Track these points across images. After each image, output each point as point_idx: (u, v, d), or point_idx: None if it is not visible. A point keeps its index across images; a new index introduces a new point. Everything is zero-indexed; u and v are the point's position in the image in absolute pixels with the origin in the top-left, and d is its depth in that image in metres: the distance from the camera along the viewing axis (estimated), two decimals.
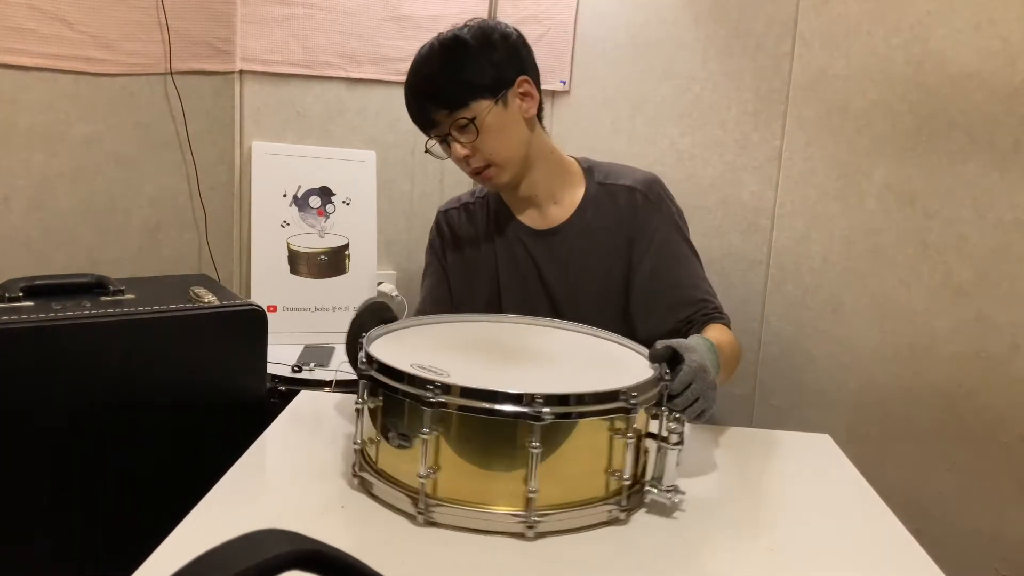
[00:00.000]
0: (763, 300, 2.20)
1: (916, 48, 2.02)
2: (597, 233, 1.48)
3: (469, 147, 1.41)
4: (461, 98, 1.39)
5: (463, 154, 1.42)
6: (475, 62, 1.40)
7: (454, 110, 1.39)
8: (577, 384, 1.00)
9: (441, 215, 1.63)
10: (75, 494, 1.27)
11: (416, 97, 1.43)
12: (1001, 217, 2.03)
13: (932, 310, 2.09)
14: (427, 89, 1.41)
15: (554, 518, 0.98)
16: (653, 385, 1.05)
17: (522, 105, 1.44)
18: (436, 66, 1.41)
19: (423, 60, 1.43)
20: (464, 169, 1.46)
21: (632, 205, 1.48)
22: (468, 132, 1.40)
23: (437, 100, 1.40)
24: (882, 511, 1.11)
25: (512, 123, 1.43)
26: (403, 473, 1.01)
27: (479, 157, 1.42)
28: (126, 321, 1.28)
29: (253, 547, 0.41)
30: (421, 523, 0.98)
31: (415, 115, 1.45)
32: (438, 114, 1.41)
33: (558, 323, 1.32)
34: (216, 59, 2.16)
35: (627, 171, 1.54)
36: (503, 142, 1.42)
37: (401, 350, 1.10)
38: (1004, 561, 2.12)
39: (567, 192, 1.51)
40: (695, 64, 2.16)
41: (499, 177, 1.45)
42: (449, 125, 1.41)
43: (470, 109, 1.39)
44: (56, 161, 2.00)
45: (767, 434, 1.40)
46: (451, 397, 0.96)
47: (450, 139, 1.43)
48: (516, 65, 1.44)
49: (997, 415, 2.08)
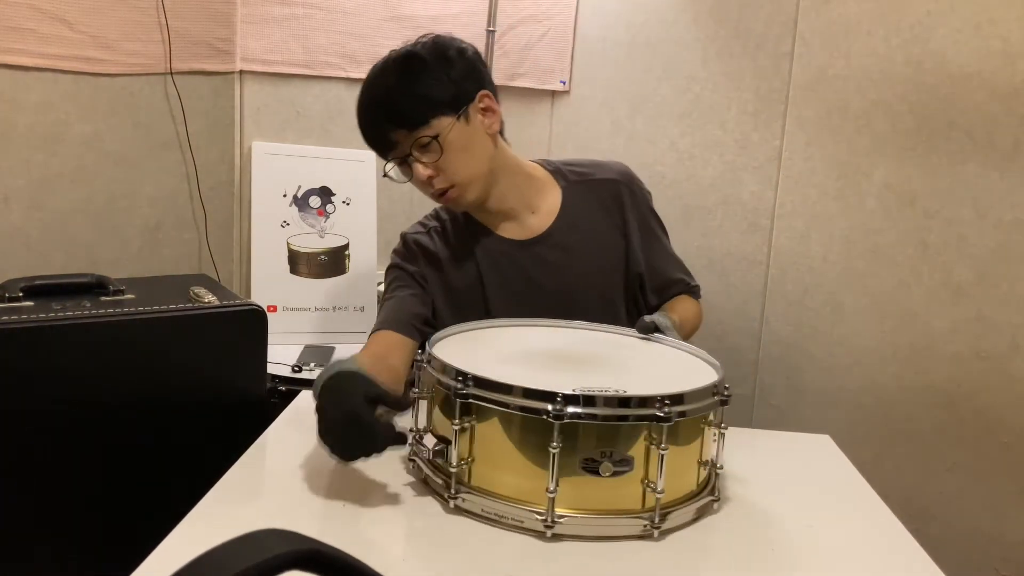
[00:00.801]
0: (763, 300, 2.20)
1: (916, 48, 2.02)
2: (587, 230, 1.47)
3: (432, 167, 1.34)
4: (422, 115, 1.32)
5: (426, 175, 1.34)
6: (433, 77, 1.33)
7: (415, 128, 1.32)
8: (663, 383, 1.01)
9: (408, 237, 1.50)
10: (75, 494, 1.27)
11: (372, 118, 1.36)
12: (1001, 217, 2.03)
13: (932, 310, 2.09)
14: (385, 108, 1.34)
15: (674, 514, 1.01)
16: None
17: (484, 120, 1.38)
18: (392, 83, 1.33)
19: (377, 79, 1.36)
20: (426, 192, 1.39)
21: (617, 195, 1.48)
22: (431, 151, 1.33)
23: (396, 119, 1.33)
24: (882, 511, 1.11)
25: (475, 140, 1.37)
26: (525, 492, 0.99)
27: (443, 178, 1.35)
28: (126, 321, 1.28)
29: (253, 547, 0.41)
30: (549, 536, 0.96)
31: (371, 137, 1.38)
32: (397, 134, 1.34)
33: (583, 325, 1.32)
34: (216, 59, 2.16)
35: (597, 165, 1.53)
36: (467, 160, 1.36)
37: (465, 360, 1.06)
38: (1004, 561, 2.12)
39: (542, 199, 1.47)
40: (695, 64, 2.16)
41: (464, 197, 1.38)
42: (410, 145, 1.33)
43: (431, 127, 1.32)
44: (56, 161, 2.00)
45: (767, 434, 1.40)
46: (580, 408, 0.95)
47: (411, 160, 1.35)
48: (475, 80, 1.38)
49: (997, 415, 2.08)
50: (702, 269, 2.20)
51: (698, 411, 1.01)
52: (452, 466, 1.00)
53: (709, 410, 1.03)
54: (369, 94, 1.37)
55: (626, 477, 0.97)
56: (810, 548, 1.00)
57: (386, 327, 1.36)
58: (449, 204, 1.40)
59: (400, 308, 1.40)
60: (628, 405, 0.96)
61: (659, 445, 0.96)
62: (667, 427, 0.95)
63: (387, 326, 1.36)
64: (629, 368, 1.15)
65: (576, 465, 0.96)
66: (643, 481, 0.98)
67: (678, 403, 0.97)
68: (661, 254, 1.53)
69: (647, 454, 0.98)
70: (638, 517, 0.98)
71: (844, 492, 1.17)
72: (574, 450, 0.96)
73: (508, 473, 0.99)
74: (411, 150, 1.34)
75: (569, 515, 0.96)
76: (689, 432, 1.02)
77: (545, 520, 0.96)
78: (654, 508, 0.98)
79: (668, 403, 0.96)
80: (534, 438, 0.96)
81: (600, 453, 0.96)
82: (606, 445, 0.96)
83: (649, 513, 0.98)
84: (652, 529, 0.98)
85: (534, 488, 0.97)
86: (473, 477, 1.01)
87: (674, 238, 1.61)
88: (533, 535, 0.97)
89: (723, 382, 1.06)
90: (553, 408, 0.94)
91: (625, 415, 0.96)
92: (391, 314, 1.39)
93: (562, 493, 0.96)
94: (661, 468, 0.96)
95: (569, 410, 0.94)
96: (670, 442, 0.97)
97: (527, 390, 0.96)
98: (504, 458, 0.99)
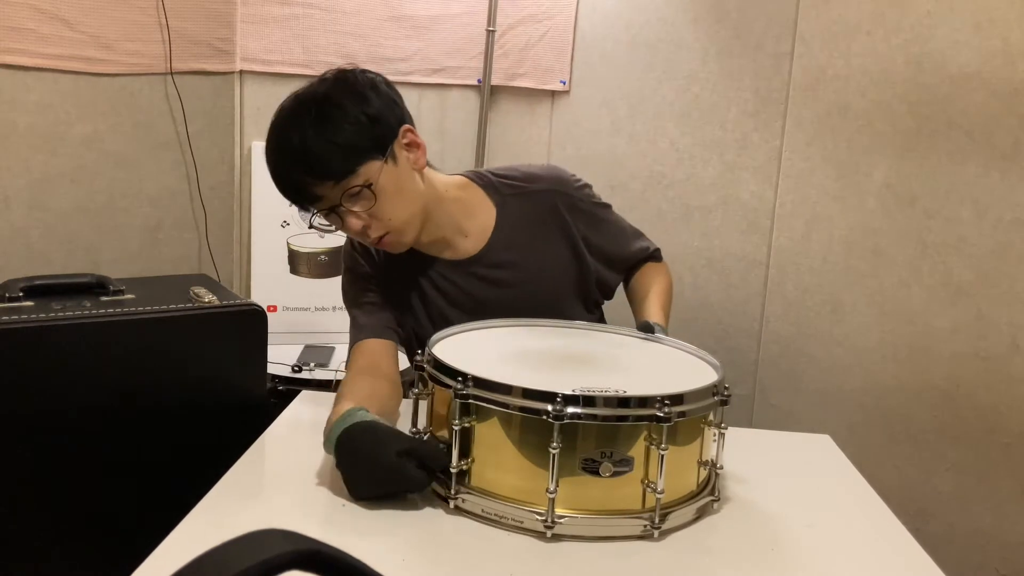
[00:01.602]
0: (763, 300, 2.20)
1: (916, 48, 2.02)
2: (524, 244, 1.41)
3: (365, 216, 1.24)
4: (348, 165, 1.21)
5: (360, 226, 1.25)
6: (352, 121, 1.22)
7: (342, 179, 1.21)
8: (662, 383, 1.01)
9: (350, 245, 1.42)
10: (75, 493, 1.27)
11: (289, 172, 1.23)
12: (1001, 217, 2.03)
13: (932, 310, 2.09)
14: (304, 162, 1.21)
15: (674, 515, 1.00)
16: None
17: (410, 156, 1.28)
18: (310, 135, 1.20)
19: (290, 130, 1.22)
20: (362, 240, 1.31)
21: (553, 206, 1.41)
22: (363, 199, 1.23)
23: (319, 172, 1.21)
24: (882, 511, 1.11)
25: (405, 178, 1.27)
26: (525, 492, 0.99)
27: (377, 225, 1.26)
28: (126, 321, 1.28)
29: (253, 547, 0.41)
30: (549, 537, 0.96)
31: (291, 192, 1.25)
32: (322, 187, 1.22)
33: (583, 325, 1.32)
34: (216, 59, 2.16)
35: (530, 175, 1.45)
36: (401, 202, 1.27)
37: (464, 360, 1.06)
38: (1004, 561, 2.12)
39: (474, 220, 1.40)
40: (695, 64, 2.16)
41: (402, 240, 1.30)
42: (339, 196, 1.22)
43: (359, 175, 1.21)
44: (56, 161, 2.00)
45: (767, 434, 1.40)
46: (580, 408, 0.95)
47: (341, 211, 1.24)
48: (395, 114, 1.27)
49: (997, 415, 2.08)
50: (702, 269, 2.20)
51: (698, 411, 1.01)
52: (452, 466, 1.00)
53: (709, 410, 1.03)
54: (283, 148, 1.23)
55: (626, 477, 0.97)
56: (810, 548, 1.00)
57: (367, 335, 1.33)
58: (387, 249, 1.32)
59: (373, 314, 1.36)
60: (628, 405, 0.96)
61: (659, 445, 0.96)
62: (667, 427, 0.95)
63: (368, 334, 1.33)
64: (629, 368, 1.15)
65: (576, 465, 0.96)
66: (643, 481, 0.98)
67: (678, 403, 0.97)
68: (614, 238, 1.50)
69: (647, 454, 0.98)
70: (638, 517, 0.98)
71: (844, 492, 1.17)
72: (574, 450, 0.96)
73: (508, 473, 0.99)
74: (340, 201, 1.23)
75: (569, 515, 0.96)
76: (689, 432, 1.02)
77: (545, 520, 0.96)
78: (654, 508, 0.98)
79: (668, 403, 0.96)
80: (534, 438, 0.96)
81: (600, 453, 0.96)
82: (606, 445, 0.96)
83: (649, 513, 0.98)
84: (652, 529, 0.98)
85: (534, 488, 0.97)
86: (473, 477, 1.01)
87: (674, 238, 1.61)
88: (533, 535, 0.97)
89: (723, 382, 1.06)
90: (553, 408, 0.94)
91: (625, 415, 0.96)
92: (367, 321, 1.35)
93: (562, 493, 0.96)
94: (661, 468, 0.96)
95: (569, 410, 0.94)
96: (670, 442, 0.97)
97: (527, 390, 0.96)
98: (504, 458, 0.99)
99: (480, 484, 1.01)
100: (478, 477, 1.01)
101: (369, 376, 1.25)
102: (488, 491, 1.00)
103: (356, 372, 1.27)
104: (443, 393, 1.04)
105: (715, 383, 1.04)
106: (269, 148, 1.25)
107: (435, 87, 2.28)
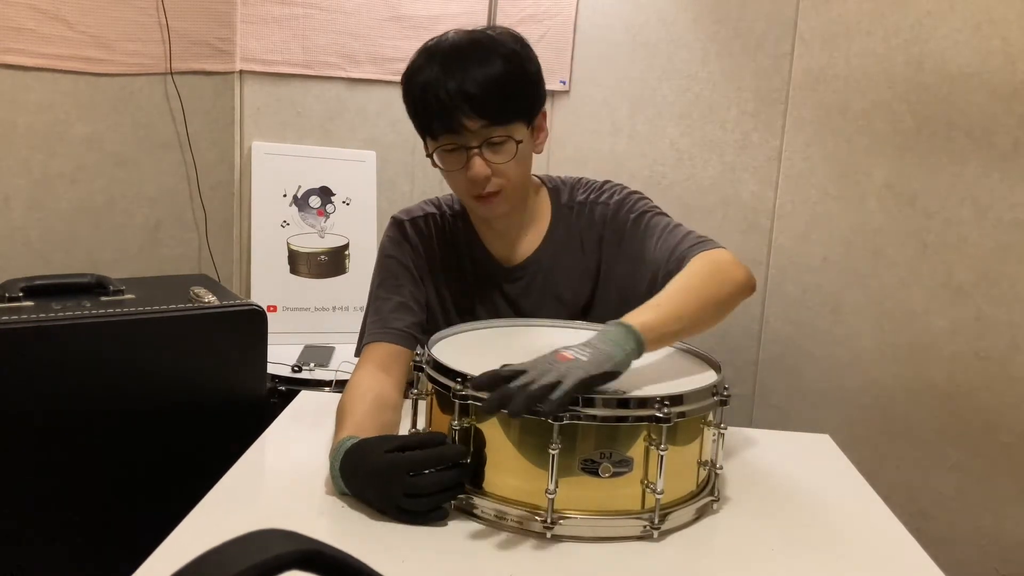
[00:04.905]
0: (763, 300, 2.20)
1: (916, 48, 2.02)
2: (570, 256, 1.38)
3: (493, 167, 1.23)
4: (506, 113, 1.22)
5: (485, 173, 1.23)
6: (529, 79, 1.25)
7: (494, 123, 1.21)
8: (662, 384, 1.02)
9: (406, 223, 1.39)
10: (75, 493, 1.27)
11: (451, 96, 1.20)
12: (1001, 217, 2.03)
13: (932, 310, 2.09)
14: (471, 93, 1.19)
15: (674, 515, 1.00)
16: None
17: (537, 137, 1.31)
18: (492, 72, 1.20)
19: (467, 58, 1.21)
20: (468, 190, 1.27)
21: (602, 215, 1.38)
22: (502, 153, 1.23)
23: (481, 108, 1.20)
24: (882, 511, 1.11)
25: (530, 153, 1.30)
26: (524, 493, 0.98)
27: (497, 182, 1.25)
28: (126, 321, 1.28)
29: (253, 547, 0.41)
30: (549, 537, 0.96)
31: (436, 114, 1.22)
32: (472, 122, 1.20)
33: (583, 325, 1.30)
34: (216, 59, 2.16)
35: (588, 184, 1.42)
36: (522, 171, 1.28)
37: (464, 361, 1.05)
38: (1004, 561, 2.12)
39: (534, 222, 1.39)
40: (695, 64, 2.16)
41: (503, 205, 1.29)
42: (481, 139, 1.22)
43: (510, 128, 1.22)
44: (56, 161, 2.00)
45: (767, 434, 1.40)
46: (579, 408, 0.95)
47: (473, 153, 1.23)
48: (544, 93, 1.30)
49: (997, 415, 2.08)
50: None
51: (698, 411, 1.01)
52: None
53: (709, 410, 1.03)
54: (452, 69, 1.20)
55: (626, 478, 0.97)
56: (810, 548, 1.00)
57: (383, 339, 1.30)
58: (483, 208, 1.29)
59: (395, 316, 1.32)
60: (627, 406, 0.96)
61: (659, 446, 0.96)
62: (666, 427, 0.95)
63: (384, 338, 1.30)
64: (629, 368, 1.15)
65: (576, 466, 0.96)
66: (643, 482, 0.98)
67: (677, 403, 0.97)
68: (653, 238, 1.32)
69: (647, 455, 0.98)
70: (638, 518, 0.98)
71: (844, 492, 1.17)
72: (573, 451, 0.96)
73: (508, 474, 0.99)
74: (480, 144, 1.22)
75: (569, 516, 0.96)
76: (689, 432, 1.02)
77: (545, 521, 0.96)
78: (654, 509, 0.98)
79: (667, 404, 0.96)
80: (533, 439, 0.96)
81: (600, 454, 0.96)
82: (606, 446, 0.96)
83: (649, 514, 0.98)
84: (652, 530, 0.98)
85: (534, 489, 0.97)
86: (473, 478, 1.01)
87: None
88: (533, 536, 0.97)
89: (723, 382, 1.05)
90: None
91: (624, 416, 0.96)
92: (388, 323, 1.32)
93: (562, 494, 0.96)
94: (661, 468, 0.96)
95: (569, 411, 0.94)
96: (669, 442, 0.97)
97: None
98: (504, 459, 0.99)
99: (480, 484, 1.01)
100: (478, 477, 1.01)
101: (373, 384, 1.22)
102: (488, 491, 1.00)
103: (361, 378, 1.24)
104: (441, 393, 1.04)
105: (715, 383, 1.04)
106: (431, 65, 1.23)
107: None
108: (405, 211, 1.41)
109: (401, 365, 1.28)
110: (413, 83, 1.25)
